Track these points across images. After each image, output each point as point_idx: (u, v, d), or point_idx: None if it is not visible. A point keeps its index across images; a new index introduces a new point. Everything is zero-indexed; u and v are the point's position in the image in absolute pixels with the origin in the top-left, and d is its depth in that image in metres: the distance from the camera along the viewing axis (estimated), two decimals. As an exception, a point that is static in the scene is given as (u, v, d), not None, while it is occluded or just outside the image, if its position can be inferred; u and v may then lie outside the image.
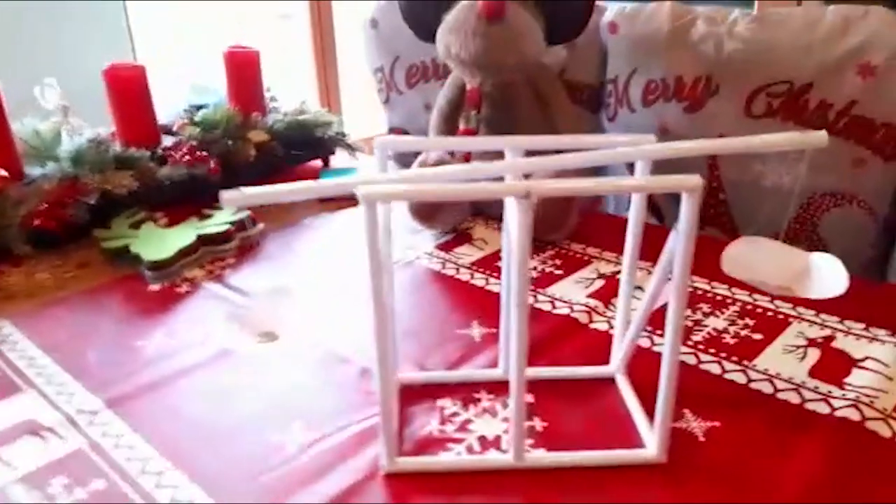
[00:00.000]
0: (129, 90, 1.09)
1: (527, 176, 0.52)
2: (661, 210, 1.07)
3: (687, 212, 0.46)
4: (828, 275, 0.53)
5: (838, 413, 0.58)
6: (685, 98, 0.97)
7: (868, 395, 0.60)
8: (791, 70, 0.89)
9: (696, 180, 0.45)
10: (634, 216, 0.57)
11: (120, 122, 1.09)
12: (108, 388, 0.64)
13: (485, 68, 0.87)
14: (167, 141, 1.13)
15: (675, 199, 0.63)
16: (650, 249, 0.58)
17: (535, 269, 0.86)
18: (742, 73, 0.92)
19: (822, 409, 0.59)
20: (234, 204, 0.46)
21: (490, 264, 0.86)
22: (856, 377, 0.63)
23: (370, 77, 1.35)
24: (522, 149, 0.55)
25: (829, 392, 0.61)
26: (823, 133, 0.47)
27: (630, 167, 0.58)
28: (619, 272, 0.82)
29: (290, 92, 1.35)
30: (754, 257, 0.55)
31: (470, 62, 0.86)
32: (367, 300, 0.48)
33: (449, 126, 1.02)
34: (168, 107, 1.24)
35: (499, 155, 0.98)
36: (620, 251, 0.62)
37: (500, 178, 0.53)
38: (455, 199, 0.85)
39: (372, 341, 0.49)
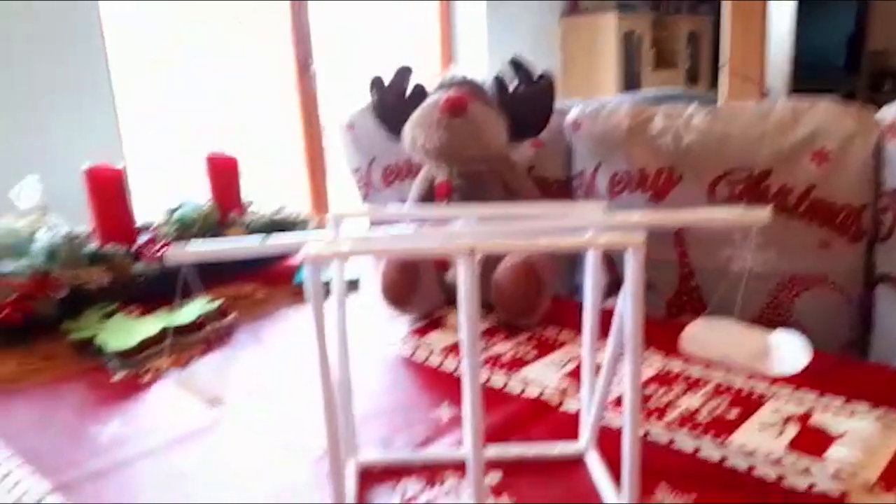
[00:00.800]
0: (107, 190, 1.11)
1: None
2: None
3: (632, 270, 0.46)
4: (788, 350, 0.53)
5: (817, 489, 0.56)
6: (649, 188, 1.00)
7: (849, 468, 0.58)
8: (748, 158, 0.92)
9: (639, 238, 0.45)
10: (591, 282, 0.57)
11: (98, 220, 1.11)
12: (56, 474, 0.61)
13: (448, 158, 0.90)
14: (143, 239, 1.14)
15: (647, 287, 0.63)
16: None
17: (507, 352, 0.84)
18: (702, 163, 0.95)
19: (801, 483, 0.57)
20: (177, 260, 0.46)
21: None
22: (835, 451, 0.61)
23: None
24: (475, 218, 0.56)
25: (808, 467, 0.59)
26: (767, 210, 0.48)
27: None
28: (591, 354, 0.81)
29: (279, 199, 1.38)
30: (713, 337, 0.55)
31: (434, 153, 0.89)
32: (317, 369, 0.47)
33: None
34: (153, 207, 1.26)
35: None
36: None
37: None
38: (401, 256, 0.85)
39: (321, 399, 0.47)
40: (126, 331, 0.88)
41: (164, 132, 2.02)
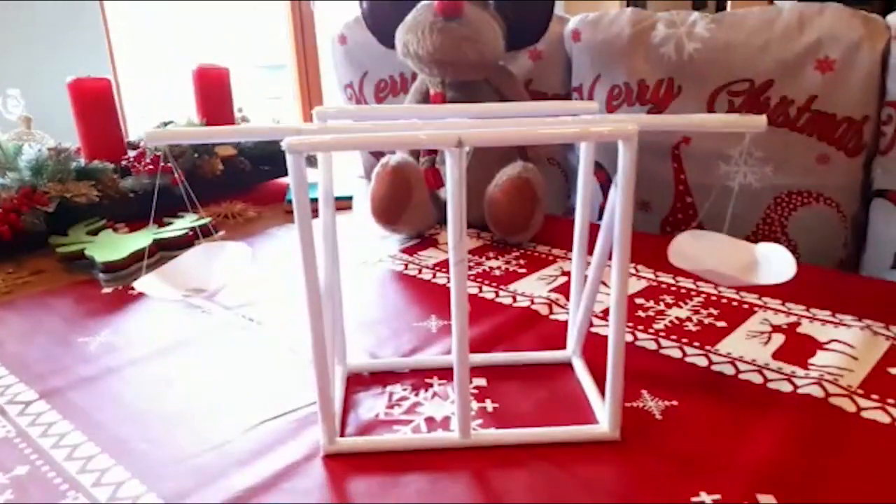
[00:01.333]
0: (93, 103, 1.08)
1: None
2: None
3: (624, 161, 0.45)
4: (775, 262, 0.52)
5: (801, 391, 0.56)
6: (648, 101, 0.97)
7: (832, 374, 0.58)
8: (751, 68, 0.89)
9: (632, 127, 0.44)
10: (583, 176, 0.56)
11: (84, 135, 1.09)
12: (44, 380, 0.62)
13: (442, 65, 0.87)
14: (132, 154, 1.12)
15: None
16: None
17: (498, 267, 0.84)
18: (703, 74, 0.92)
19: (786, 387, 0.57)
20: (157, 139, 0.44)
21: (453, 264, 0.85)
22: (820, 358, 0.61)
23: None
24: (467, 115, 0.54)
25: (793, 372, 0.59)
26: (762, 117, 0.46)
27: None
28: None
29: (270, 114, 1.35)
30: (700, 249, 0.53)
31: (427, 58, 0.86)
32: (302, 272, 0.46)
33: (415, 134, 1.02)
34: (144, 124, 1.24)
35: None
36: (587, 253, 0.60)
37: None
38: (386, 149, 0.83)
39: (303, 296, 0.47)
40: (115, 245, 0.87)
41: (154, 45, 1.97)
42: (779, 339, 0.65)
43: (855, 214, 0.93)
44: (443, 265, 0.85)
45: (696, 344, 0.65)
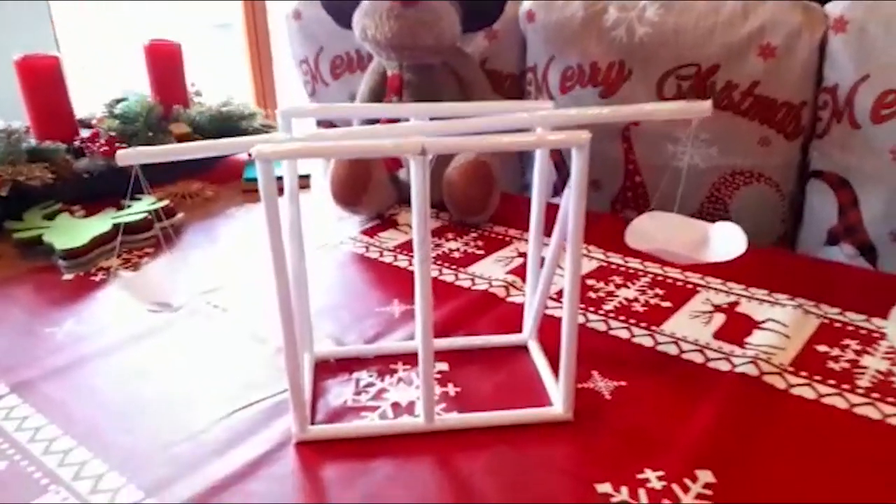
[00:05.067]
0: (43, 82, 1.06)
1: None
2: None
3: (577, 167, 0.47)
4: (727, 239, 0.55)
5: (738, 370, 0.61)
6: (600, 83, 1.00)
7: (766, 353, 0.63)
8: (698, 53, 0.92)
9: (584, 135, 0.47)
10: (538, 179, 0.59)
11: (34, 115, 1.06)
12: (13, 373, 0.62)
13: (399, 50, 0.88)
14: (85, 134, 1.10)
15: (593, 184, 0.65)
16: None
17: (457, 249, 0.87)
18: (652, 58, 0.95)
19: (724, 366, 0.62)
20: (128, 161, 0.45)
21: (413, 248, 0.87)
22: (756, 337, 0.66)
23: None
24: (428, 115, 0.56)
25: (731, 351, 0.64)
26: (708, 102, 0.49)
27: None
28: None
29: (223, 90, 1.33)
30: (657, 230, 0.57)
31: (385, 44, 0.87)
32: (272, 266, 0.48)
33: (372, 114, 1.03)
34: (92, 104, 1.21)
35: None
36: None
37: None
38: (351, 156, 0.85)
39: (275, 297, 0.49)
40: (73, 230, 0.87)
41: (101, 20, 1.91)
42: (719, 318, 0.70)
43: (793, 193, 0.98)
44: (403, 247, 0.88)
45: (643, 324, 0.69)
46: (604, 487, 0.48)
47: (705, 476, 0.49)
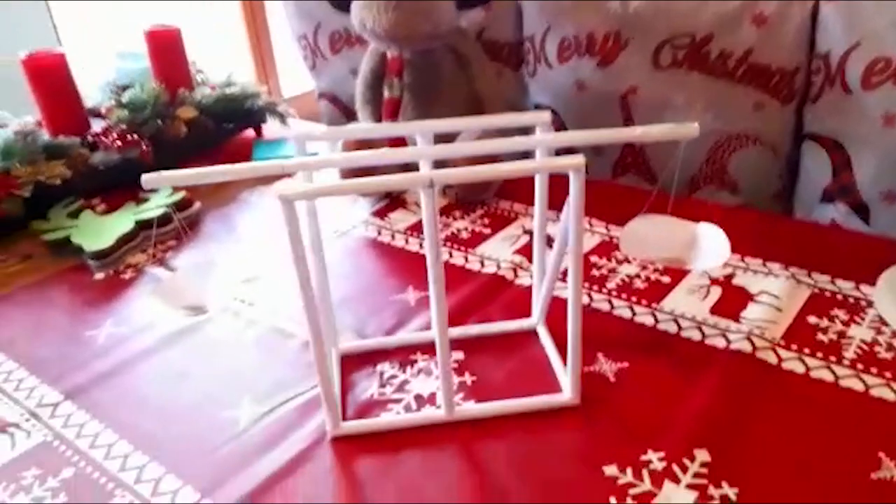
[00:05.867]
0: (51, 78, 1.08)
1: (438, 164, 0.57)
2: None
3: (575, 188, 0.51)
4: (712, 244, 0.60)
5: (733, 346, 0.66)
6: (597, 53, 1.02)
7: (759, 327, 0.68)
8: (692, 22, 0.94)
9: (579, 160, 0.50)
10: (539, 193, 0.63)
11: (45, 111, 1.09)
12: (65, 380, 0.68)
13: (397, 40, 0.90)
14: (96, 125, 1.13)
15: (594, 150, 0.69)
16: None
17: (465, 229, 0.91)
18: (648, 27, 0.97)
19: (720, 343, 0.67)
20: (153, 185, 0.49)
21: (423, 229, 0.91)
22: (750, 311, 0.71)
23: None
24: (431, 133, 0.59)
25: (727, 327, 0.69)
26: (695, 125, 0.52)
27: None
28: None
29: (224, 67, 1.34)
30: (647, 234, 0.61)
31: (384, 35, 0.89)
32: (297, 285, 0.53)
33: (373, 94, 1.05)
34: (94, 83, 1.23)
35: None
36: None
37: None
38: (369, 192, 0.89)
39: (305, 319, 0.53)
40: (99, 229, 0.91)
41: (96, 9, 1.89)
42: (716, 292, 0.74)
43: (788, 153, 1.01)
44: (413, 228, 0.91)
45: (644, 302, 0.74)
46: (611, 470, 0.54)
47: (702, 455, 0.54)
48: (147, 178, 0.53)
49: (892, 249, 0.79)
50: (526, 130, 0.62)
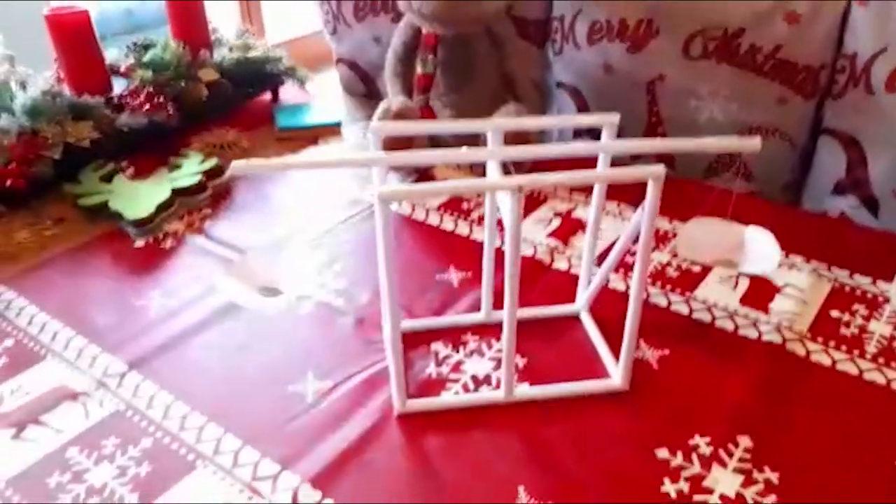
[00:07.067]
0: (75, 37, 1.06)
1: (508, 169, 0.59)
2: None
3: (651, 195, 0.54)
4: (762, 248, 0.64)
5: (764, 338, 0.70)
6: (628, 39, 1.04)
7: (788, 319, 0.73)
8: (725, 15, 0.96)
9: (660, 170, 0.53)
10: (597, 196, 0.66)
11: (68, 69, 1.08)
12: (125, 349, 0.70)
13: (444, 23, 0.91)
14: (118, 85, 1.12)
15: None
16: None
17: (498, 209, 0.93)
18: (681, 18, 0.99)
19: (752, 334, 0.71)
20: (241, 172, 0.51)
21: (457, 206, 0.93)
22: (778, 303, 0.75)
23: None
24: (501, 130, 0.61)
25: (757, 318, 0.73)
26: (757, 140, 0.55)
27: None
28: (572, 210, 0.91)
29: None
30: (700, 236, 0.65)
31: (430, 17, 0.90)
32: (378, 262, 0.55)
33: (405, 67, 1.06)
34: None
35: (460, 112, 1.03)
36: (572, 188, 0.75)
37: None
38: (459, 194, 0.93)
39: (385, 317, 0.56)
40: (135, 196, 0.92)
41: None
42: (744, 283, 0.79)
43: (804, 146, 1.05)
44: (446, 206, 0.94)
45: (678, 290, 0.78)
46: (662, 453, 0.58)
47: (745, 441, 0.59)
48: (236, 165, 0.54)
49: (904, 246, 0.84)
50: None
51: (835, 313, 0.74)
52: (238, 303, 0.74)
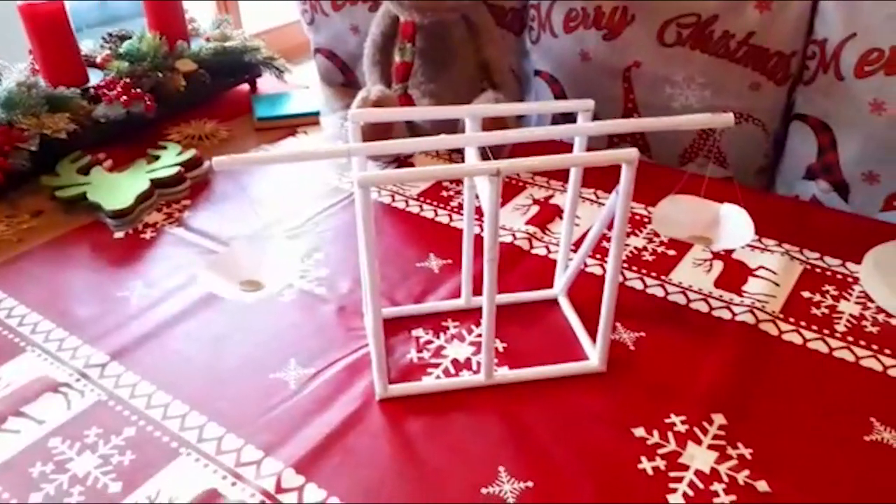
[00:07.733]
0: (49, 27, 1.05)
1: (487, 157, 0.60)
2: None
3: (625, 178, 0.55)
4: (735, 224, 0.65)
5: (738, 318, 0.72)
6: (604, 27, 1.05)
7: (760, 301, 0.74)
8: (698, 3, 0.97)
9: (633, 153, 0.54)
10: (573, 180, 0.67)
11: (43, 61, 1.07)
12: (107, 341, 0.70)
13: (422, 10, 0.91)
14: (94, 76, 1.11)
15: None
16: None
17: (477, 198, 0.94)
18: (655, 5, 1.00)
19: (726, 315, 0.73)
20: (224, 168, 0.51)
21: (435, 195, 0.94)
22: (751, 285, 0.77)
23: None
24: (479, 117, 0.62)
25: (731, 300, 0.75)
26: (730, 115, 0.57)
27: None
28: (550, 197, 0.92)
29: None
30: (676, 214, 0.66)
31: (409, 6, 0.90)
32: (360, 251, 0.56)
33: (383, 56, 1.06)
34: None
35: (439, 100, 1.03)
36: (550, 175, 0.79)
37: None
38: (438, 179, 0.94)
39: (367, 304, 0.57)
40: (113, 187, 0.91)
41: None
42: (718, 266, 0.80)
43: (776, 131, 1.07)
44: (426, 195, 0.94)
45: (654, 274, 0.79)
46: (639, 432, 0.60)
47: (719, 419, 0.61)
48: (218, 161, 0.55)
49: (873, 228, 0.86)
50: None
51: (806, 294, 0.76)
52: (219, 294, 0.74)
